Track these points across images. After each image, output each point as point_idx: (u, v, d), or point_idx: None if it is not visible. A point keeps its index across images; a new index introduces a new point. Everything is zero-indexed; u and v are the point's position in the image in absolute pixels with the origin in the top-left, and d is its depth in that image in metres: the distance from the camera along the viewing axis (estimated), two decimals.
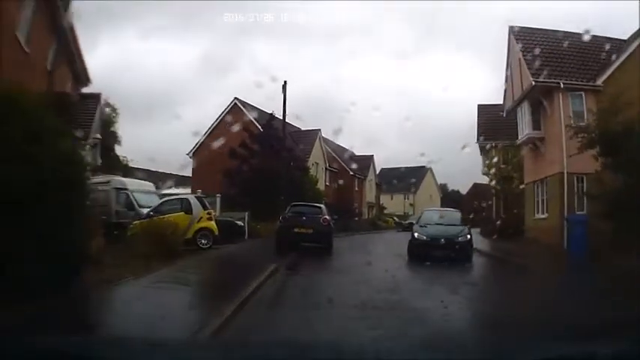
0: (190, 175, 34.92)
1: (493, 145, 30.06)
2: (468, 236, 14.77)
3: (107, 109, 23.30)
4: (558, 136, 18.26)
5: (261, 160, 28.60)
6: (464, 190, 79.60)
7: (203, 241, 15.66)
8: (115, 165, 23.05)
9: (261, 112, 32.17)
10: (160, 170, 31.86)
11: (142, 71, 74.99)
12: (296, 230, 16.21)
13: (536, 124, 19.74)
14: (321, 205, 18.78)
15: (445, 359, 2.56)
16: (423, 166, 62.78)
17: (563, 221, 17.07)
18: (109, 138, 23.07)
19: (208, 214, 16.01)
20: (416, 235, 14.95)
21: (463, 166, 61.03)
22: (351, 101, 72.75)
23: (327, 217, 17.10)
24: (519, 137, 20.84)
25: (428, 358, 2.51)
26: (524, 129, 20.15)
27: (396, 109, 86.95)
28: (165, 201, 16.80)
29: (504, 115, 22.48)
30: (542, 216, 19.79)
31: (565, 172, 17.64)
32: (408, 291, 9.65)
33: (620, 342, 2.54)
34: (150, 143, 47.13)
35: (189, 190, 28.79)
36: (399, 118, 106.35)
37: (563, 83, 18.41)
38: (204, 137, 33.91)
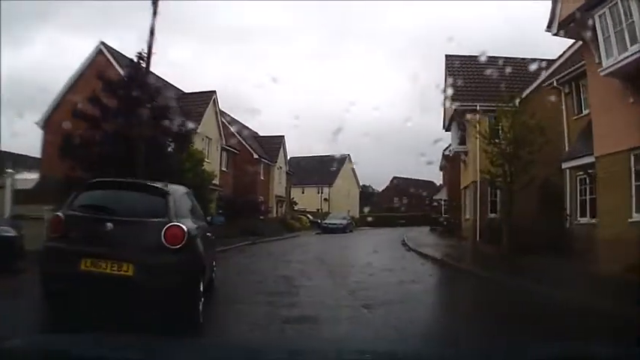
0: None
1: (477, 108, 20.17)
2: None
3: None
4: None
5: (121, 122, 15.76)
6: (376, 186, 71.93)
7: None
8: None
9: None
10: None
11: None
12: (85, 267, 4.89)
13: None
14: (171, 189, 6.14)
15: None
16: (341, 156, 53.45)
17: None
18: None
19: None
20: None
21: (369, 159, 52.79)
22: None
23: (183, 224, 5.50)
24: (608, 62, 10.33)
25: None
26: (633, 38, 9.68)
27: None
28: None
29: (554, 33, 11.98)
30: None
31: None
32: None
33: (619, 342, 2.56)
34: None
35: (35, 176, 20.96)
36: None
37: None
38: (59, 99, 23.31)
